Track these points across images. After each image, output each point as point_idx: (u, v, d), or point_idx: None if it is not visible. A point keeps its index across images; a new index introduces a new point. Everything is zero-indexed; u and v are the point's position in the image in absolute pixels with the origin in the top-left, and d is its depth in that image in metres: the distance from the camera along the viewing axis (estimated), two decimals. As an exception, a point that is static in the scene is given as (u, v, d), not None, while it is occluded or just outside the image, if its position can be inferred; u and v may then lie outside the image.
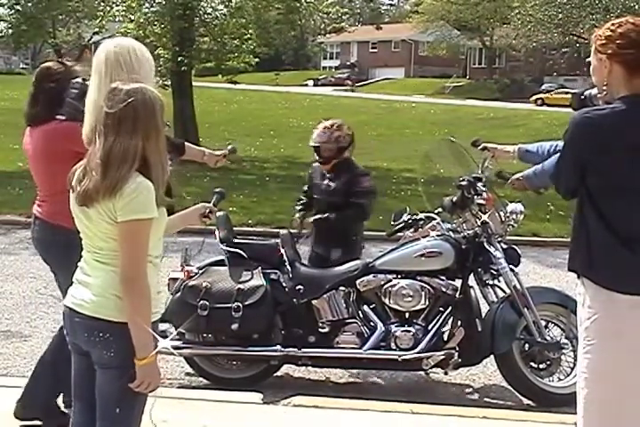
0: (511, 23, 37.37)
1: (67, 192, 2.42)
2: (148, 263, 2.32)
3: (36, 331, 5.40)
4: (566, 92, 36.88)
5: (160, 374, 2.35)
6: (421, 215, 4.56)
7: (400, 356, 4.21)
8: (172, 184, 2.54)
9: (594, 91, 2.87)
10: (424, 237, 4.39)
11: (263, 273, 4.30)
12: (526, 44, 39.80)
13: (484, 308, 4.37)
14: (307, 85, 53.37)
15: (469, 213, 4.37)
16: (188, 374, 4.61)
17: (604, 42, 2.49)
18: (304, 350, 4.27)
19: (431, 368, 4.31)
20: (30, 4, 29.61)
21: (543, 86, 45.61)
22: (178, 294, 4.22)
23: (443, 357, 4.22)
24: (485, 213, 4.32)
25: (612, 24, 2.51)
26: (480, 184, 4.32)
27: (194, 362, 4.45)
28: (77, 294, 2.40)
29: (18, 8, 29.42)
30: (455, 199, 4.39)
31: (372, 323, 4.33)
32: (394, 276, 4.32)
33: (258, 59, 19.16)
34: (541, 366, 4.29)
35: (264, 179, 14.27)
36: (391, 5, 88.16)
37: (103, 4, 18.53)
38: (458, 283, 4.33)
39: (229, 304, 4.13)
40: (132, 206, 2.24)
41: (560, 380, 4.32)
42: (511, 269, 4.27)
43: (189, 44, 16.81)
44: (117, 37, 3.02)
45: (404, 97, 42.19)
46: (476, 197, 4.32)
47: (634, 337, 2.45)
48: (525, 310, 4.22)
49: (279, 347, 4.27)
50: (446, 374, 4.42)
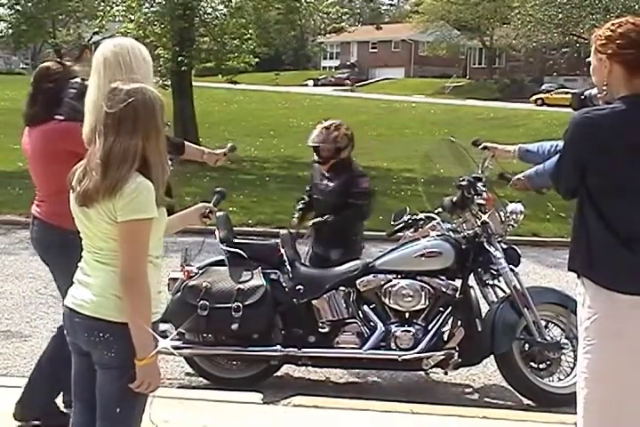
0: (511, 23, 37.36)
1: (66, 192, 2.42)
2: (148, 263, 2.32)
3: (36, 331, 5.40)
4: (566, 92, 36.85)
5: (160, 374, 2.35)
6: (421, 215, 4.56)
7: (400, 356, 4.21)
8: (171, 184, 2.54)
9: (594, 91, 2.88)
10: (424, 237, 4.39)
11: (263, 273, 4.30)
12: (526, 44, 39.79)
13: (483, 308, 4.37)
14: (307, 85, 53.37)
15: (469, 213, 4.37)
16: (188, 374, 4.61)
17: (603, 42, 2.49)
18: (304, 350, 4.27)
19: (431, 368, 4.31)
20: (30, 4, 29.53)
21: (543, 86, 45.58)
22: (178, 294, 4.22)
23: (443, 357, 4.22)
24: (485, 213, 4.32)
25: (612, 24, 2.51)
26: (480, 184, 4.33)
27: (194, 362, 4.45)
28: (77, 295, 2.40)
29: (18, 8, 29.33)
30: (455, 199, 4.39)
31: (371, 323, 4.33)
32: (394, 276, 4.32)
33: (258, 59, 19.14)
34: (541, 366, 4.29)
35: (264, 179, 14.27)
36: (391, 5, 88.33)
37: (103, 4, 18.51)
38: (458, 283, 4.33)
39: (229, 304, 4.13)
40: (132, 206, 2.24)
41: (560, 380, 4.32)
42: (511, 269, 4.27)
43: (189, 44, 16.79)
44: (117, 37, 3.02)
45: (403, 97, 42.18)
46: (475, 197, 4.32)
47: (634, 337, 2.45)
48: (525, 310, 4.22)
49: (279, 347, 4.27)
50: (446, 374, 4.42)
